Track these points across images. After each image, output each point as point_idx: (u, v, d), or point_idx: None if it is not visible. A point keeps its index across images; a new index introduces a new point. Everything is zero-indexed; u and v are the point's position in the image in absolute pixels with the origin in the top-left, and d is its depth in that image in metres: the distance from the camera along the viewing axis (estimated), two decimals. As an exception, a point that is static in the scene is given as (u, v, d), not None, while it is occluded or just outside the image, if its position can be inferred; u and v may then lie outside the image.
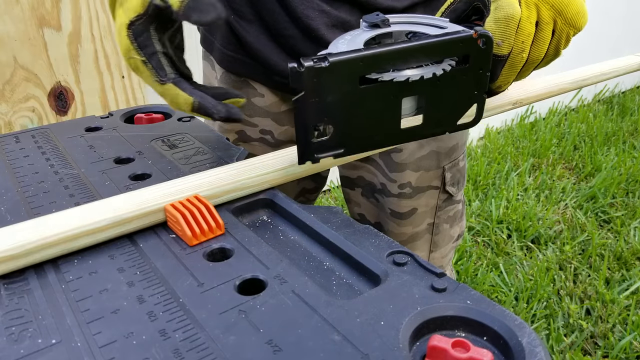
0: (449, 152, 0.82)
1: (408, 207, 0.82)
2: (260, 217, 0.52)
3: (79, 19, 1.34)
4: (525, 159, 2.42)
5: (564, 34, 0.53)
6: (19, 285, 0.40)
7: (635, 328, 1.45)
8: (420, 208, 0.83)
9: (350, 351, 0.33)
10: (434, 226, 0.86)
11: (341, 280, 0.42)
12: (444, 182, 0.83)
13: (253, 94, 0.79)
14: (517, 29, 0.51)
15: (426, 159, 0.80)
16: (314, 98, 0.44)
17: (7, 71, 1.28)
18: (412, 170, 0.80)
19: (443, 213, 0.86)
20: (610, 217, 2.01)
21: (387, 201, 0.83)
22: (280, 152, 0.58)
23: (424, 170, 0.81)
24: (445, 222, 0.87)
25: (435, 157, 0.81)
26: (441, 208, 0.85)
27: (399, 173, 0.80)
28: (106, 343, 0.34)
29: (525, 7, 0.51)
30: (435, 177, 0.82)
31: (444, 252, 0.90)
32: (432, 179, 0.82)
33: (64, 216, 0.44)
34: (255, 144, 0.82)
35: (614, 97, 3.22)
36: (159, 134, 0.67)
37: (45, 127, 0.71)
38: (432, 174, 0.82)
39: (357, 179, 0.86)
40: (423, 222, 0.84)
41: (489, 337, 0.35)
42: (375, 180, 0.84)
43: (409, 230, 0.84)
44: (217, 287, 0.39)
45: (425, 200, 0.83)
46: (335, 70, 0.43)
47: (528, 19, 0.51)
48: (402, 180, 0.81)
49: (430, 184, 0.82)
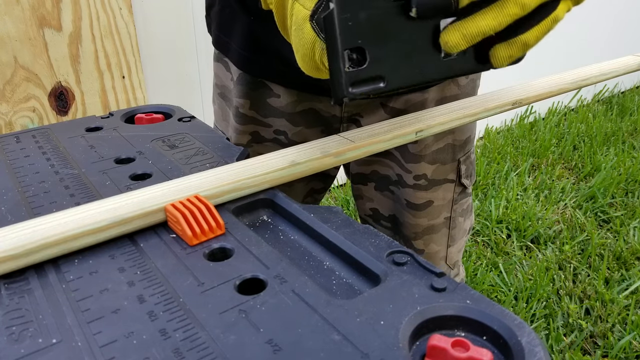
0: (463, 145, 0.82)
1: (423, 199, 0.83)
2: (260, 217, 0.52)
3: (80, 19, 1.34)
4: (524, 159, 2.42)
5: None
6: (20, 285, 0.40)
7: (634, 328, 1.45)
8: (437, 201, 0.84)
9: (350, 351, 0.33)
10: (451, 220, 0.87)
11: (341, 280, 0.42)
12: (459, 174, 0.84)
13: (269, 94, 0.79)
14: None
15: (442, 152, 0.81)
16: (345, 14, 0.39)
17: (7, 71, 1.28)
18: (428, 163, 0.81)
19: (458, 206, 0.87)
20: (609, 217, 2.01)
21: (403, 192, 0.83)
22: (280, 152, 0.58)
23: (440, 164, 0.81)
24: (460, 216, 0.88)
25: (451, 150, 0.82)
26: (457, 201, 0.86)
27: (414, 164, 0.81)
28: (106, 343, 0.34)
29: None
30: (451, 170, 0.83)
31: (459, 246, 0.91)
32: (448, 172, 0.83)
33: (64, 216, 0.44)
34: (268, 145, 0.82)
35: (613, 97, 3.22)
36: (160, 134, 0.67)
37: (46, 127, 0.71)
38: (449, 167, 0.82)
39: (371, 174, 0.87)
40: (440, 215, 0.85)
41: (489, 337, 0.35)
42: (391, 173, 0.84)
43: (425, 222, 0.85)
44: (217, 287, 0.39)
45: (442, 193, 0.83)
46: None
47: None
48: (417, 172, 0.81)
49: (447, 177, 0.83)
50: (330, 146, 0.59)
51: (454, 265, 0.92)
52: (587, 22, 2.75)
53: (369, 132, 0.62)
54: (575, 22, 0.55)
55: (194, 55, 1.67)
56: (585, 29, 2.72)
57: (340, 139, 0.61)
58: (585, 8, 0.59)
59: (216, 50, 0.85)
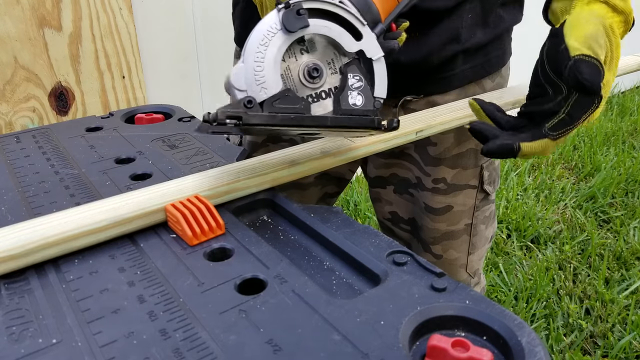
0: None
1: (442, 204, 0.81)
2: (260, 216, 0.52)
3: (80, 19, 1.34)
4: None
5: None
6: (20, 285, 0.40)
7: (634, 328, 1.45)
8: (457, 207, 0.82)
9: (350, 350, 0.33)
10: (472, 227, 0.85)
11: (341, 280, 0.42)
12: (481, 180, 0.82)
13: None
14: None
15: (464, 156, 0.79)
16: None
17: (7, 71, 1.28)
18: (448, 167, 0.79)
19: (480, 213, 0.85)
20: (609, 217, 2.01)
21: (422, 195, 0.82)
22: (280, 152, 0.58)
23: (462, 169, 0.80)
24: (482, 223, 0.86)
25: (474, 155, 0.80)
26: (478, 208, 0.84)
27: (433, 167, 0.80)
28: (107, 343, 0.34)
29: None
30: (473, 175, 0.81)
31: (481, 254, 0.89)
32: (470, 177, 0.81)
33: (64, 216, 0.44)
34: (284, 145, 0.81)
35: (613, 97, 3.22)
36: (160, 134, 0.67)
37: (46, 127, 0.71)
38: (470, 172, 0.81)
39: (390, 177, 0.86)
40: (460, 221, 0.83)
41: (489, 337, 0.35)
42: (410, 175, 0.83)
43: (443, 227, 0.83)
44: (218, 287, 0.39)
45: (462, 199, 0.82)
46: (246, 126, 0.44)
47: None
48: (436, 175, 0.80)
49: (468, 183, 0.81)
50: (330, 146, 0.59)
51: (474, 273, 0.89)
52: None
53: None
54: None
55: (194, 55, 1.67)
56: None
57: (340, 139, 0.61)
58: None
59: (237, 47, 0.85)
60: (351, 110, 0.47)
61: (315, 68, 0.46)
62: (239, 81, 0.44)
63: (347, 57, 0.47)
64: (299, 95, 0.46)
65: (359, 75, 0.47)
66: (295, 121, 0.44)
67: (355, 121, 0.47)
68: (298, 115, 0.44)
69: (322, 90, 0.47)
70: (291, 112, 0.44)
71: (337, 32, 0.46)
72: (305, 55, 0.46)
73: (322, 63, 0.47)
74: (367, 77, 0.48)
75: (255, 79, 0.44)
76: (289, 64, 0.46)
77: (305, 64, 0.46)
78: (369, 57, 0.47)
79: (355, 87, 0.47)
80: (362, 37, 0.47)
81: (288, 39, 0.45)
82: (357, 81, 0.47)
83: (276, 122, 0.44)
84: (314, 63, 0.46)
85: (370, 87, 0.48)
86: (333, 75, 0.47)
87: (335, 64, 0.47)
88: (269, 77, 0.44)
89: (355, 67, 0.47)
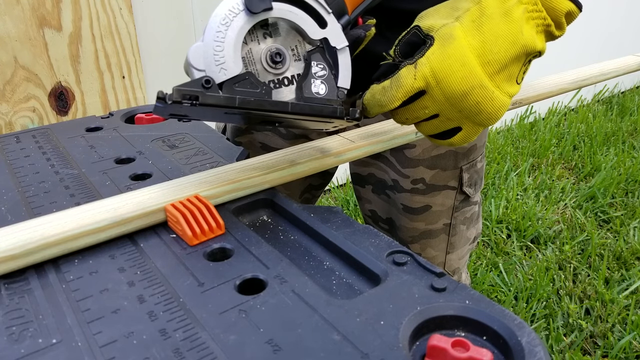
0: (467, 153, 0.82)
1: (421, 203, 0.83)
2: (260, 216, 0.52)
3: (80, 19, 1.34)
4: (524, 159, 2.42)
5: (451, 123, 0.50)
6: (20, 285, 0.40)
7: (634, 328, 1.45)
8: (436, 207, 0.83)
9: (350, 351, 0.33)
10: (451, 227, 0.86)
11: (341, 280, 0.42)
12: (461, 182, 0.83)
13: None
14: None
15: (443, 158, 0.80)
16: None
17: (7, 71, 1.28)
18: (426, 167, 0.80)
19: (460, 214, 0.86)
20: (609, 217, 2.01)
21: (400, 197, 0.83)
22: (280, 152, 0.58)
23: (440, 169, 0.81)
24: (462, 224, 0.87)
25: (453, 157, 0.81)
26: (458, 209, 0.85)
27: (411, 169, 0.80)
28: (107, 343, 0.34)
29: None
30: (452, 177, 0.82)
31: (461, 253, 0.90)
32: (449, 178, 0.82)
33: (64, 216, 0.44)
34: (268, 133, 0.82)
35: (613, 97, 3.22)
36: (160, 134, 0.67)
37: (46, 127, 0.71)
38: (449, 173, 0.82)
39: (368, 176, 0.87)
40: (438, 221, 0.84)
41: (489, 337, 0.35)
42: (387, 177, 0.84)
43: (422, 226, 0.84)
44: (218, 287, 0.39)
45: (441, 199, 0.83)
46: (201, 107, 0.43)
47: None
48: (415, 176, 0.81)
49: (447, 184, 0.82)
50: (330, 146, 0.59)
51: (453, 272, 0.91)
52: (587, 22, 2.75)
53: (369, 132, 0.62)
54: (575, 22, 0.56)
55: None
56: (585, 29, 2.73)
57: (340, 139, 0.61)
58: (585, 8, 0.59)
59: None
60: (313, 99, 0.46)
61: (278, 53, 0.45)
62: (197, 60, 0.43)
63: (312, 44, 0.47)
64: (260, 79, 0.45)
65: (322, 64, 0.47)
66: (254, 104, 0.43)
67: (318, 109, 0.46)
68: (258, 99, 0.44)
69: (284, 77, 0.46)
70: (251, 96, 0.43)
71: (301, 18, 0.46)
72: (269, 40, 0.46)
73: (285, 49, 0.46)
74: (332, 67, 0.47)
75: (215, 59, 0.43)
76: (252, 47, 0.45)
77: (267, 49, 0.45)
78: (333, 45, 0.47)
79: (318, 75, 0.47)
80: (327, 25, 0.46)
81: (250, 20, 0.44)
82: (321, 69, 0.47)
83: (235, 104, 0.43)
84: (277, 48, 0.46)
85: (335, 76, 0.47)
86: (297, 62, 0.47)
87: (299, 50, 0.47)
88: (228, 58, 0.43)
89: (319, 56, 0.47)
